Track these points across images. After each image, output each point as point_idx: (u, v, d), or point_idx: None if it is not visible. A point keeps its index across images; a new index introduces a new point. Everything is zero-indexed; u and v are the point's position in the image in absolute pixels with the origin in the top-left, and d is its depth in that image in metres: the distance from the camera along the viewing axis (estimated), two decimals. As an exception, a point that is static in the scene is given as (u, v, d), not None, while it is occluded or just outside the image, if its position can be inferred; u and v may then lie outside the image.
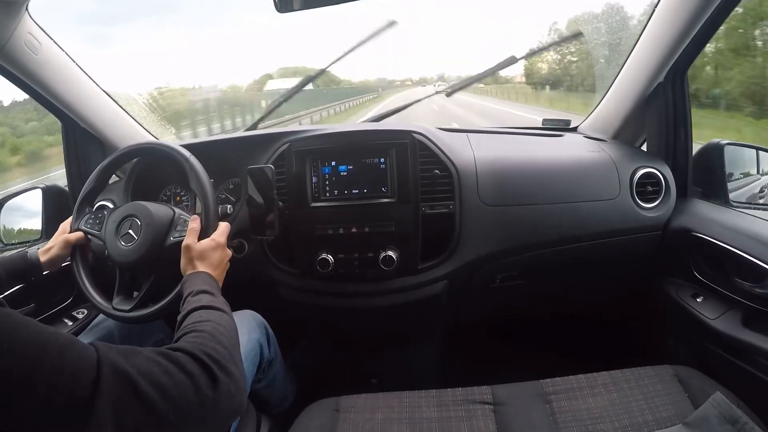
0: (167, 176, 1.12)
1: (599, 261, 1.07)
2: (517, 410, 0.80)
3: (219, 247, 0.78)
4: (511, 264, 1.03)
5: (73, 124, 1.12)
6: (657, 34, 0.98)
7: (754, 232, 0.85)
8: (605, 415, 0.77)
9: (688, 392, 0.78)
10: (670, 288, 1.02)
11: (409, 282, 1.01)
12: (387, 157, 0.97)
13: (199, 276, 0.72)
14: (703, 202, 1.03)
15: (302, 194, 0.98)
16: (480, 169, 1.01)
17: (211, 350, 0.52)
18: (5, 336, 0.38)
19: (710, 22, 0.89)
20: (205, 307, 0.63)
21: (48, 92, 1.02)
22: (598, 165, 1.05)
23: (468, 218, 0.99)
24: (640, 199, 1.02)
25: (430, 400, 0.83)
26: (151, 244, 0.82)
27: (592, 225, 1.01)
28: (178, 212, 0.87)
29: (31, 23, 0.93)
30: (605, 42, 1.99)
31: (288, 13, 0.84)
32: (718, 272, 0.92)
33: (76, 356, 0.42)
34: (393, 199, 0.97)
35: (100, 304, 0.84)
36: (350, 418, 0.80)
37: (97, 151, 1.16)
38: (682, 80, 1.02)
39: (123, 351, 0.46)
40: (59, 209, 1.13)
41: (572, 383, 0.83)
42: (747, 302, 0.85)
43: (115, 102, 1.16)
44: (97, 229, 0.87)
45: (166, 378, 0.46)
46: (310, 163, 0.98)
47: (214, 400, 0.49)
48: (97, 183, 0.91)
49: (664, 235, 1.02)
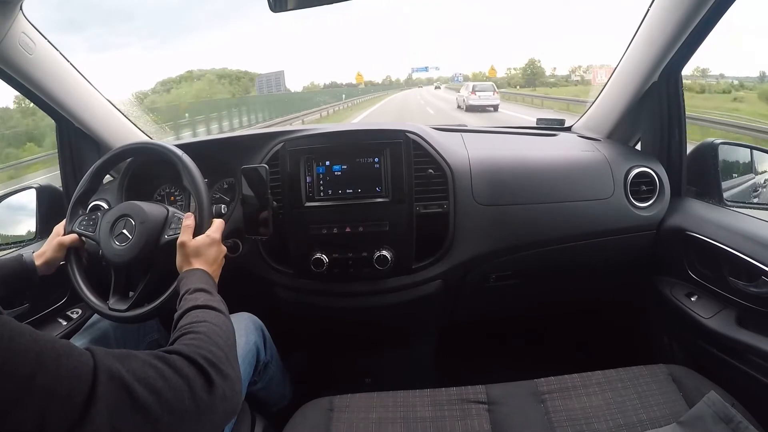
0: (161, 176, 1.12)
1: (593, 260, 1.07)
2: (512, 409, 0.80)
3: (214, 244, 0.78)
4: (505, 264, 1.03)
5: (67, 124, 1.11)
6: (651, 34, 0.99)
7: (748, 231, 0.85)
8: (599, 414, 0.77)
9: (683, 391, 0.78)
10: (665, 287, 1.02)
11: (404, 281, 1.01)
12: (381, 156, 0.97)
13: (196, 273, 0.72)
14: (697, 202, 1.03)
15: (296, 194, 0.98)
16: (474, 168, 1.01)
17: (207, 352, 0.52)
18: (1, 345, 0.38)
19: (704, 21, 0.89)
20: (202, 307, 0.63)
21: (42, 92, 1.01)
22: (592, 164, 1.05)
23: (462, 218, 0.99)
24: (635, 199, 1.02)
25: (424, 399, 0.83)
26: (146, 243, 0.82)
27: (586, 224, 1.01)
28: (172, 211, 0.87)
29: (25, 23, 0.93)
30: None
31: (282, 12, 0.85)
32: (713, 271, 0.92)
33: (72, 363, 0.42)
34: (387, 199, 0.97)
35: (96, 305, 0.84)
36: (344, 417, 0.80)
37: (92, 151, 1.16)
38: (677, 80, 1.02)
39: (119, 355, 0.46)
40: (53, 209, 1.12)
41: (566, 382, 0.83)
42: (741, 301, 0.85)
43: (109, 102, 1.16)
44: (91, 230, 0.87)
45: (161, 382, 0.46)
46: (305, 162, 0.98)
47: (210, 403, 0.49)
48: (89, 185, 0.91)
49: (658, 235, 1.02)
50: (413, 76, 45.55)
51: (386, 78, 48.96)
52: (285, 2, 0.83)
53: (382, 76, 71.60)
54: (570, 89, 18.20)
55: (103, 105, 1.15)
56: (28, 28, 0.93)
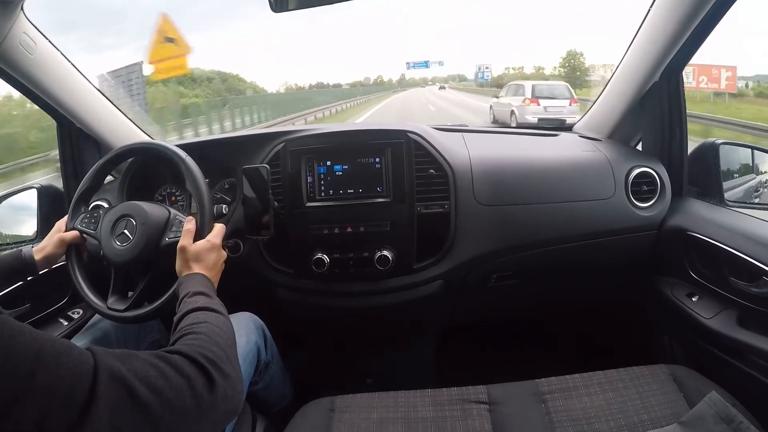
0: (162, 176, 1.12)
1: (594, 261, 1.07)
2: (513, 410, 0.80)
3: (214, 249, 0.78)
4: (506, 264, 1.03)
5: (68, 124, 1.11)
6: (652, 34, 0.99)
7: (750, 232, 0.85)
8: (600, 414, 0.77)
9: (684, 391, 0.78)
10: (665, 287, 1.02)
11: (405, 281, 1.01)
12: (382, 156, 0.97)
13: (195, 277, 0.72)
14: (698, 202, 1.03)
15: (297, 194, 0.98)
16: (475, 168, 1.01)
17: (207, 352, 0.53)
18: (1, 343, 0.38)
19: (706, 21, 0.89)
20: (201, 309, 0.63)
21: (43, 92, 1.01)
22: (593, 164, 1.05)
23: (463, 218, 0.99)
24: (636, 199, 1.02)
25: (425, 399, 0.83)
26: (146, 245, 0.82)
27: (587, 225, 1.01)
28: (174, 213, 0.87)
29: (26, 23, 0.93)
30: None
31: (283, 12, 0.85)
32: (714, 272, 0.92)
33: (73, 362, 0.42)
34: (388, 199, 0.97)
35: (95, 304, 0.84)
36: (345, 417, 0.80)
37: (93, 151, 1.15)
38: (678, 80, 1.02)
39: (120, 355, 0.46)
40: (54, 209, 1.12)
41: (567, 383, 0.83)
42: (742, 301, 0.85)
43: (111, 102, 1.16)
44: (93, 229, 0.87)
45: (162, 381, 0.46)
46: (306, 162, 0.98)
47: (211, 402, 0.49)
48: (92, 182, 0.91)
49: (659, 235, 1.02)
50: (407, 76, 41.87)
51: (378, 77, 45.06)
52: (285, 2, 0.83)
53: (374, 74, 66.84)
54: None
55: (104, 105, 1.15)
56: (29, 28, 0.93)
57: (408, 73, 40.35)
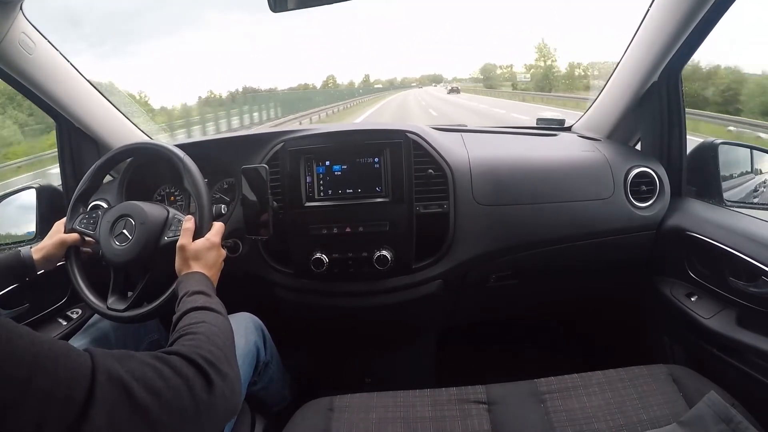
0: (161, 176, 1.12)
1: (593, 260, 1.07)
2: (512, 409, 0.80)
3: (214, 247, 0.78)
4: (505, 263, 1.03)
5: (67, 124, 1.12)
6: (652, 33, 0.99)
7: (749, 232, 0.85)
8: (600, 414, 0.76)
9: (683, 391, 0.78)
10: (665, 287, 1.02)
11: (404, 281, 1.01)
12: (381, 156, 0.97)
13: (194, 276, 0.72)
14: (697, 202, 1.03)
15: (296, 194, 0.98)
16: (474, 168, 1.01)
17: (206, 352, 0.53)
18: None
19: (705, 20, 0.89)
20: (200, 308, 0.64)
21: (42, 92, 1.01)
22: (592, 164, 1.05)
23: (462, 218, 0.99)
24: (635, 199, 1.02)
25: (424, 399, 0.83)
26: (146, 244, 0.82)
27: (586, 225, 1.01)
28: (173, 212, 0.87)
29: (25, 23, 0.93)
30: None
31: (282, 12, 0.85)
32: (713, 271, 0.92)
33: (71, 364, 0.42)
34: (387, 199, 0.97)
35: (94, 304, 0.84)
36: (344, 417, 0.80)
37: (92, 151, 1.16)
38: (677, 80, 1.02)
39: (118, 356, 0.46)
40: (53, 209, 1.12)
41: (567, 382, 0.83)
42: (741, 301, 0.85)
43: (110, 102, 1.16)
44: (92, 229, 0.87)
45: (160, 382, 0.46)
46: (305, 162, 0.98)
47: (209, 403, 0.49)
48: (91, 183, 0.91)
49: (658, 235, 1.02)
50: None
51: (367, 78, 39.90)
52: (285, 2, 0.83)
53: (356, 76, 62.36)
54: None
55: (103, 105, 1.15)
56: (28, 28, 0.93)
57: (373, 75, 38.02)
